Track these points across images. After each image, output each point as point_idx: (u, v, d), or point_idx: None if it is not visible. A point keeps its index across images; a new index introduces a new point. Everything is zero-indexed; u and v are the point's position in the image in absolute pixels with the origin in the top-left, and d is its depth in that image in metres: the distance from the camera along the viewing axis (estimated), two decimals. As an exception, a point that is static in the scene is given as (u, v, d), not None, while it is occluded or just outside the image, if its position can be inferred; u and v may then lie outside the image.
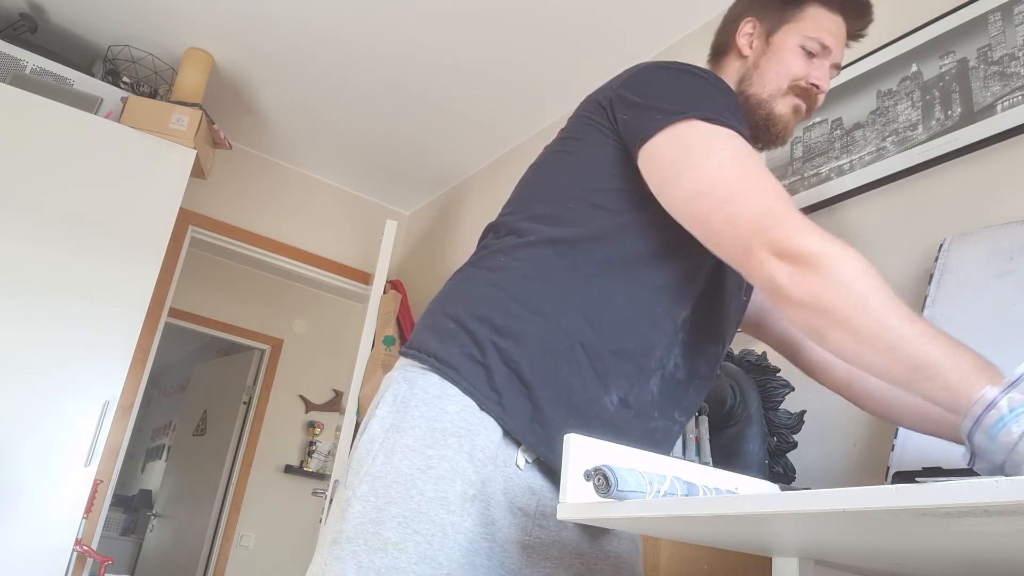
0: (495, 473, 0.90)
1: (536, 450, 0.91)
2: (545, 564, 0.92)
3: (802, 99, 1.07)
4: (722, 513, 0.58)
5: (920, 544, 0.64)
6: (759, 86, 1.07)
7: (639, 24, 2.56)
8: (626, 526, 0.93)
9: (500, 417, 0.90)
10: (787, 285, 0.79)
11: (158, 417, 6.78)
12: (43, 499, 2.41)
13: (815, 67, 1.06)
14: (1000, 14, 1.60)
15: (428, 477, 0.86)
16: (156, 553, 5.31)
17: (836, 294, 0.77)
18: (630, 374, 0.94)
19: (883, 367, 0.76)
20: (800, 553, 0.79)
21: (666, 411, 0.99)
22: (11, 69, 2.79)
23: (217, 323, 4.81)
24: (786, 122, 1.07)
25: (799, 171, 1.93)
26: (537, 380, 0.90)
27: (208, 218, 3.60)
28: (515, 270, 0.95)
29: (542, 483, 0.93)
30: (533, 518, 0.92)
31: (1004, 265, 1.36)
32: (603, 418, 0.93)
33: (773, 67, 1.06)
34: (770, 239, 0.81)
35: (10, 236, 2.53)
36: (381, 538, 0.84)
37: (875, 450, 1.53)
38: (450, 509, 0.86)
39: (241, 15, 2.85)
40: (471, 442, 0.88)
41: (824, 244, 0.80)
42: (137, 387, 3.14)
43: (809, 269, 0.79)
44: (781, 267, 0.80)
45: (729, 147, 0.89)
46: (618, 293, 0.95)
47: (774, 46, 1.07)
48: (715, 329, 1.04)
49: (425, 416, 0.89)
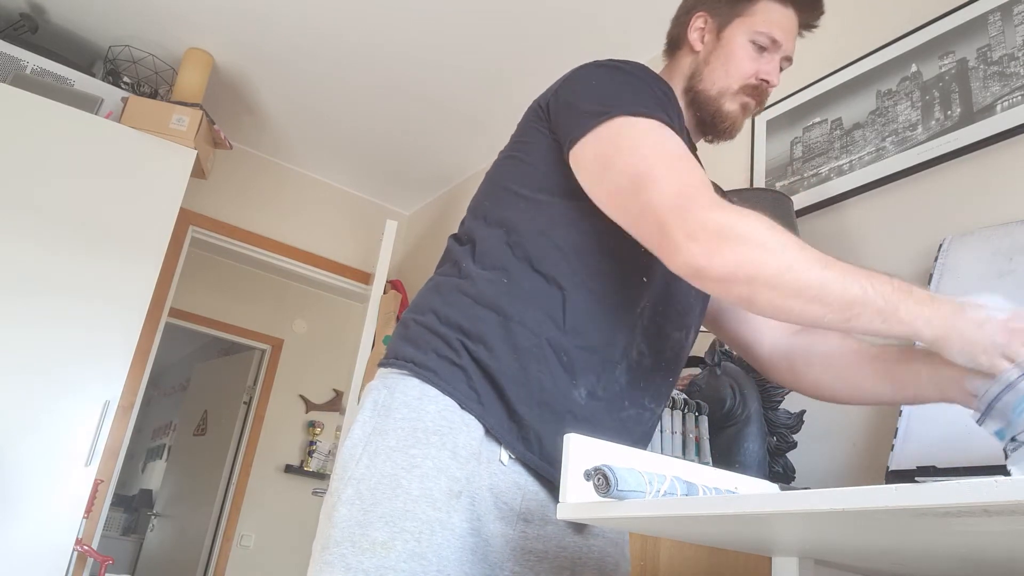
0: (479, 469, 0.91)
1: (513, 448, 0.93)
2: (530, 558, 0.93)
3: (752, 96, 1.07)
4: (722, 513, 0.58)
5: (920, 544, 0.64)
6: (708, 83, 1.08)
7: (642, 24, 2.56)
8: (626, 526, 0.93)
9: (480, 415, 0.91)
10: (706, 265, 0.81)
11: (158, 417, 6.79)
12: (43, 499, 2.41)
13: (765, 62, 1.06)
14: (1000, 14, 1.60)
15: (412, 476, 0.87)
16: (156, 553, 5.31)
17: (756, 260, 0.79)
18: (596, 367, 0.95)
19: (815, 315, 0.78)
20: (800, 553, 0.79)
21: (636, 399, 0.99)
22: (12, 69, 2.79)
23: (217, 323, 4.81)
24: (734, 119, 1.08)
25: (799, 171, 1.93)
26: (507, 380, 0.92)
27: (208, 218, 3.60)
28: (478, 275, 0.98)
29: (527, 479, 0.94)
30: (519, 513, 0.94)
31: (1004, 265, 1.36)
32: (574, 412, 0.94)
33: (722, 65, 1.07)
34: (682, 222, 0.83)
35: (10, 236, 2.53)
36: (369, 539, 0.84)
37: (875, 450, 1.53)
38: (436, 506, 0.87)
39: (241, 15, 2.85)
40: (454, 440, 0.90)
41: (730, 215, 0.82)
42: (137, 387, 3.14)
43: (724, 243, 0.80)
44: (696, 248, 0.81)
45: (649, 139, 0.90)
46: (578, 288, 0.96)
47: (724, 42, 1.07)
48: (677, 316, 1.04)
49: (407, 417, 0.91)
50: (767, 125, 2.08)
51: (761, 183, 2.02)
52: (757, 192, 1.89)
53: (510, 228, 0.99)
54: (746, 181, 2.08)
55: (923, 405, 1.06)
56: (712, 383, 1.51)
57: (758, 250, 0.80)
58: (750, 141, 2.12)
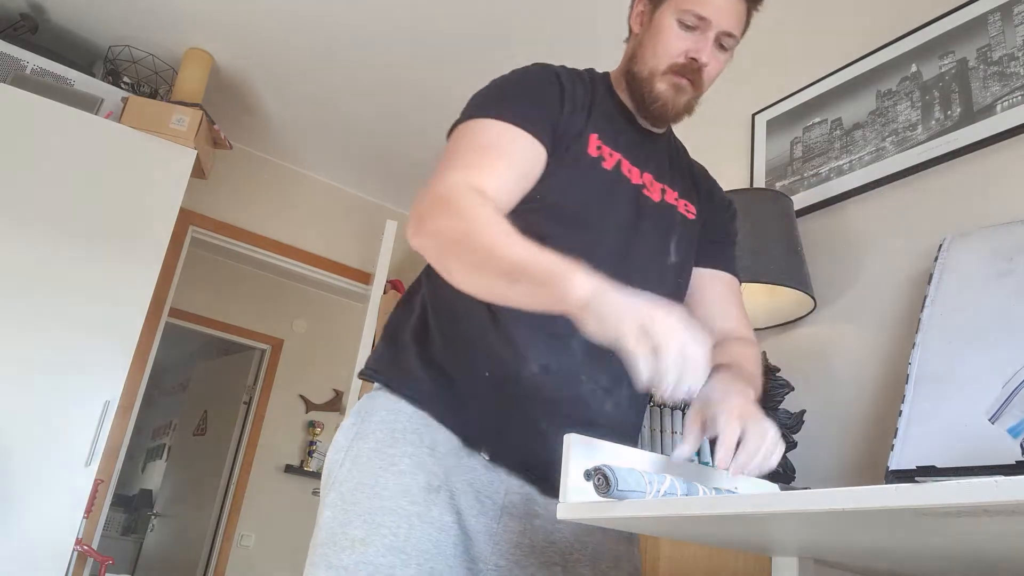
0: (458, 464, 0.93)
1: (480, 444, 0.94)
2: (515, 553, 0.94)
3: (683, 76, 1.05)
4: (722, 513, 0.58)
5: (920, 544, 0.64)
6: (641, 65, 1.08)
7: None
8: (626, 526, 0.93)
9: (453, 426, 0.95)
10: (413, 236, 0.89)
11: (158, 417, 6.78)
12: (44, 499, 2.41)
13: (693, 40, 1.05)
14: (1000, 14, 1.60)
15: (390, 473, 0.90)
16: (156, 553, 5.31)
17: (451, 226, 0.86)
18: (545, 342, 0.96)
19: (488, 274, 0.83)
20: (800, 553, 0.79)
21: (592, 374, 0.98)
22: (12, 69, 2.79)
23: (217, 323, 4.81)
24: (665, 100, 1.06)
25: (799, 171, 1.93)
26: (460, 374, 0.95)
27: (208, 218, 3.59)
28: (429, 286, 1.04)
29: (508, 474, 0.95)
30: (502, 507, 0.94)
31: (1004, 265, 1.36)
32: (527, 392, 0.95)
33: (651, 47, 1.07)
34: (422, 194, 0.91)
35: (10, 236, 2.53)
36: (349, 537, 0.88)
37: (875, 450, 1.53)
38: (414, 500, 0.89)
39: (241, 15, 2.85)
40: (432, 437, 0.93)
41: (455, 190, 0.89)
42: (137, 387, 3.14)
43: (435, 213, 0.88)
44: (414, 213, 0.90)
45: (467, 136, 0.98)
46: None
47: (654, 24, 1.07)
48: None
49: (385, 420, 0.95)
50: (767, 125, 2.08)
51: (761, 183, 2.02)
52: (757, 192, 1.89)
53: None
54: (746, 181, 2.08)
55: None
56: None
57: (455, 218, 0.86)
58: (750, 141, 2.12)
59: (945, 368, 1.33)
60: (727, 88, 2.31)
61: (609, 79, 1.15)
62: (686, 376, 0.71)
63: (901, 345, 1.54)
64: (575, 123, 1.04)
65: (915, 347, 1.40)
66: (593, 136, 1.06)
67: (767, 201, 1.74)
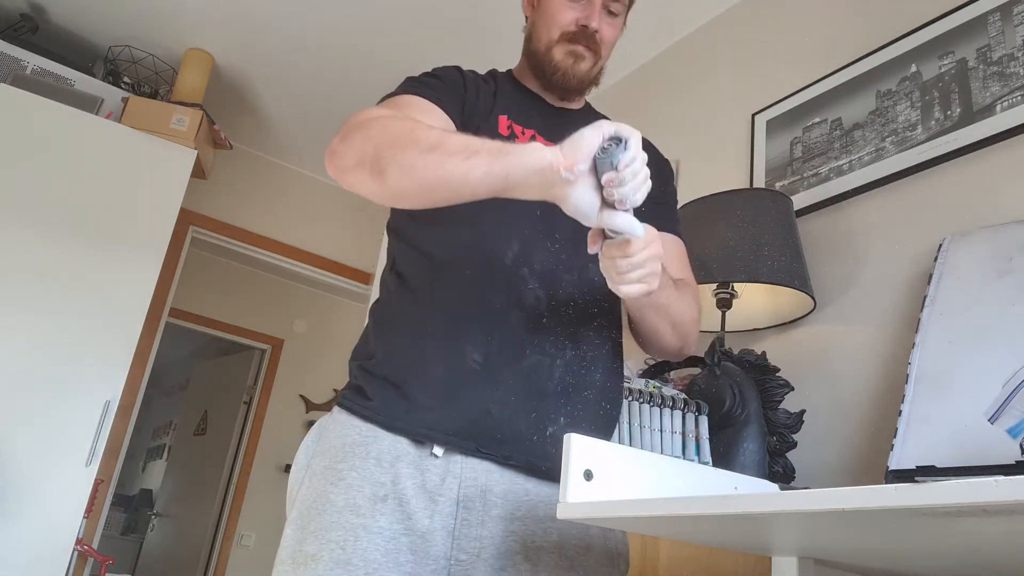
0: (405, 469, 0.94)
1: (431, 439, 0.96)
2: (474, 545, 0.94)
3: (577, 43, 1.12)
4: (722, 513, 0.58)
5: (920, 544, 0.65)
6: (536, 42, 1.15)
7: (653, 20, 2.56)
8: (625, 526, 0.93)
9: (402, 431, 0.96)
10: (333, 168, 0.93)
11: (158, 417, 6.78)
12: (44, 498, 2.41)
13: (581, 9, 1.11)
14: (999, 14, 1.60)
15: (339, 489, 0.93)
16: (157, 552, 5.31)
17: (380, 130, 0.89)
18: (483, 327, 0.98)
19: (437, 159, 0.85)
20: (800, 552, 0.79)
21: (536, 345, 1.00)
22: (12, 69, 2.79)
23: (217, 323, 4.81)
24: (565, 68, 1.12)
25: (799, 171, 1.93)
26: (405, 379, 0.97)
27: (208, 218, 3.60)
28: (375, 303, 1.09)
29: (462, 467, 0.96)
30: (457, 501, 0.95)
31: (1004, 265, 1.36)
32: (472, 380, 0.96)
33: (543, 22, 1.14)
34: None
35: (10, 236, 2.53)
36: (303, 553, 0.91)
37: (875, 450, 1.53)
38: (360, 513, 0.91)
39: (241, 15, 2.85)
40: (377, 447, 0.95)
41: (370, 113, 0.94)
42: (138, 387, 3.14)
43: (354, 128, 0.92)
44: (335, 147, 0.93)
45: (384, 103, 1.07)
46: (429, 268, 1.03)
47: (542, 3, 1.15)
48: (556, 259, 1.05)
49: (338, 435, 0.98)
50: (767, 125, 2.08)
51: (761, 183, 2.02)
52: (757, 192, 1.89)
53: (391, 245, 1.13)
54: (746, 181, 2.08)
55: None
56: (712, 383, 1.51)
57: (388, 124, 0.90)
58: (750, 141, 2.12)
59: (945, 368, 1.33)
60: (727, 88, 2.32)
61: (512, 73, 1.22)
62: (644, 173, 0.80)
63: (901, 345, 1.54)
64: (482, 107, 1.10)
65: (915, 347, 1.40)
66: (503, 117, 1.11)
67: (767, 201, 1.74)
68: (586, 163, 0.79)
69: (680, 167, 2.36)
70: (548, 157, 0.79)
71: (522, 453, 0.97)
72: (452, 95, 1.07)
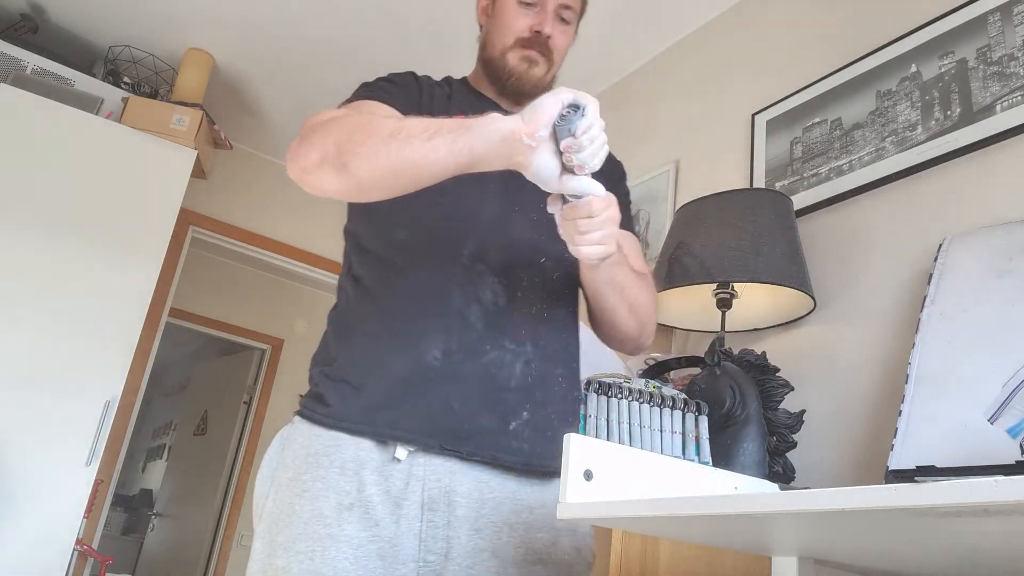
0: (370, 477, 0.95)
1: (394, 437, 0.97)
2: (442, 546, 0.96)
3: (531, 48, 1.15)
4: (722, 513, 0.58)
5: (920, 544, 0.65)
6: (491, 49, 1.18)
7: (668, 13, 2.56)
8: (625, 526, 0.93)
9: (368, 434, 0.97)
10: (296, 171, 0.96)
11: (158, 417, 6.78)
12: (44, 498, 2.41)
13: (535, 15, 1.15)
14: (999, 14, 1.60)
15: (304, 500, 0.94)
16: (157, 552, 5.31)
17: (336, 127, 0.91)
18: (442, 324, 1.00)
19: (400, 143, 0.87)
20: (799, 553, 0.79)
21: (496, 341, 1.02)
22: (12, 70, 2.79)
23: (217, 323, 4.81)
24: (519, 73, 1.15)
25: (798, 171, 1.93)
26: (366, 382, 0.98)
27: (209, 218, 3.59)
28: (333, 309, 1.10)
29: (426, 469, 0.97)
30: (423, 503, 0.96)
31: (1004, 265, 1.36)
32: (431, 377, 0.98)
33: (497, 29, 1.17)
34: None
35: (10, 236, 2.53)
36: (273, 566, 0.92)
37: (875, 450, 1.53)
38: (326, 523, 0.92)
39: (241, 15, 2.85)
40: (341, 456, 0.96)
41: (330, 113, 0.97)
42: (138, 386, 3.14)
43: (322, 127, 0.94)
44: (298, 146, 0.96)
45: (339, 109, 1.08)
46: (387, 270, 1.05)
47: (497, 9, 1.18)
48: (516, 255, 1.07)
49: (302, 446, 0.98)
50: (767, 125, 2.08)
51: (761, 183, 2.02)
52: (757, 192, 1.89)
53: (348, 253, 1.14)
54: (746, 181, 2.08)
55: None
56: (712, 383, 1.51)
57: (348, 120, 0.92)
58: (750, 141, 2.12)
59: (945, 368, 1.33)
60: (727, 88, 2.32)
61: (467, 80, 1.25)
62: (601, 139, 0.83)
63: (901, 345, 1.54)
64: (437, 111, 1.11)
65: (915, 347, 1.40)
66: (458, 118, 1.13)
67: (767, 201, 1.74)
68: (547, 129, 0.82)
69: (680, 167, 2.36)
70: (510, 125, 0.83)
71: (486, 449, 0.98)
72: (407, 98, 1.10)
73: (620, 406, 1.38)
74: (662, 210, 2.34)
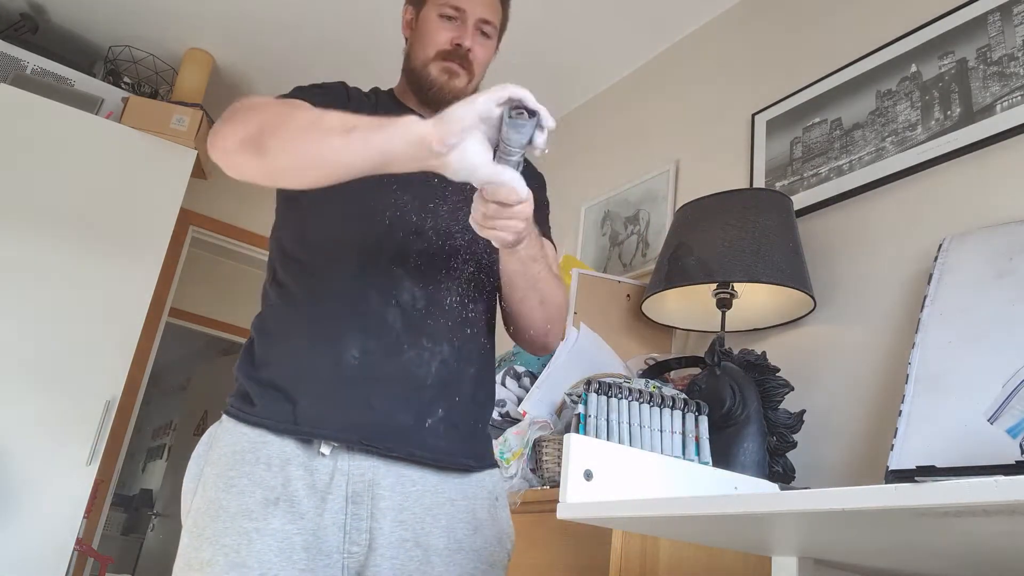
0: (295, 472, 0.98)
1: (317, 436, 0.99)
2: (366, 537, 0.98)
3: (452, 61, 1.17)
4: (722, 513, 0.58)
5: (920, 544, 0.65)
6: (413, 61, 1.21)
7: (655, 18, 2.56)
8: (626, 526, 0.93)
9: (276, 429, 0.99)
10: (217, 151, 0.98)
11: (158, 417, 6.78)
12: (44, 498, 2.41)
13: (455, 29, 1.18)
14: (999, 14, 1.60)
15: (231, 495, 0.96)
16: (157, 552, 5.31)
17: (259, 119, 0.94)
18: (360, 325, 1.03)
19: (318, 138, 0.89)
20: (799, 552, 0.79)
21: (414, 340, 1.05)
22: (12, 69, 2.79)
23: (217, 323, 4.80)
24: (440, 84, 1.17)
25: (799, 171, 1.93)
26: (288, 382, 1.01)
27: (209, 218, 3.59)
28: (257, 316, 1.12)
29: (350, 464, 1.00)
30: (347, 497, 0.99)
31: (1004, 265, 1.36)
32: (350, 376, 1.01)
33: (419, 41, 1.20)
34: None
35: (10, 236, 2.53)
36: (198, 559, 0.95)
37: (875, 450, 1.53)
38: (252, 517, 0.94)
39: (241, 15, 2.85)
40: (267, 452, 0.98)
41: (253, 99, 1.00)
42: (138, 386, 3.14)
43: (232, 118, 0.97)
44: (220, 127, 0.98)
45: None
46: (309, 275, 1.08)
47: (420, 23, 1.21)
48: (434, 258, 1.09)
49: (228, 443, 1.01)
50: (767, 125, 2.08)
51: (761, 183, 2.02)
52: (757, 192, 1.89)
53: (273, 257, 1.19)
54: (746, 181, 2.08)
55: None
56: (712, 383, 1.51)
57: (271, 107, 0.95)
58: (750, 141, 2.12)
59: (945, 368, 1.33)
60: (727, 88, 2.32)
61: (393, 91, 1.28)
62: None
63: (901, 345, 1.54)
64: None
65: (915, 347, 1.40)
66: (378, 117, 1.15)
67: (767, 201, 1.74)
68: (457, 138, 0.82)
69: (680, 167, 2.36)
70: (421, 130, 0.84)
71: (403, 446, 1.01)
72: (334, 104, 1.12)
73: (620, 406, 1.37)
74: (662, 210, 2.34)
